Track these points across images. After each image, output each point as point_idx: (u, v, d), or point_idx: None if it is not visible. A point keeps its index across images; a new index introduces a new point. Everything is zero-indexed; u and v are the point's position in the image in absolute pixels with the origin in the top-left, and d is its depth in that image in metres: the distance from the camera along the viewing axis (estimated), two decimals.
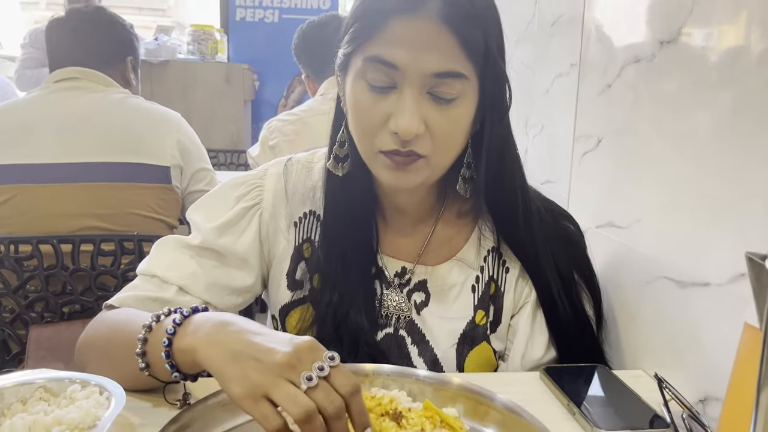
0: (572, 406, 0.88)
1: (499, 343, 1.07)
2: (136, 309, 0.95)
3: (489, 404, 0.85)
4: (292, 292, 1.07)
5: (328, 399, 0.64)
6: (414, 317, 1.05)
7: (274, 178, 1.09)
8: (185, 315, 0.77)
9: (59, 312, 1.60)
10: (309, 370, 0.64)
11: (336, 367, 0.66)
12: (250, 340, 0.69)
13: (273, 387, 0.64)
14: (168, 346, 0.76)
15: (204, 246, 1.03)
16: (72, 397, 0.78)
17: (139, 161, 1.74)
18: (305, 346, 0.67)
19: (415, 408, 0.85)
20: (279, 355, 0.65)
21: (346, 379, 0.65)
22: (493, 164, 0.97)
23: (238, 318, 0.75)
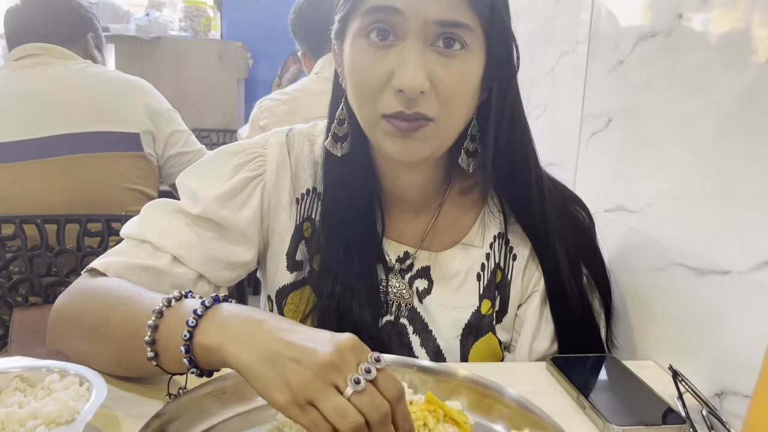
0: (582, 399, 0.83)
1: (505, 333, 1.02)
2: (125, 279, 0.89)
3: (495, 397, 0.80)
4: (292, 274, 1.01)
5: (375, 405, 0.59)
6: (416, 305, 1.00)
7: (277, 149, 1.02)
8: (207, 305, 0.71)
9: (44, 294, 1.55)
10: (354, 372, 0.59)
11: (382, 369, 0.61)
12: (287, 340, 0.63)
13: (318, 394, 0.59)
14: (188, 340, 0.69)
15: (203, 216, 0.96)
16: (50, 387, 0.73)
17: (107, 129, 1.68)
18: (348, 344, 0.61)
19: (417, 401, 0.81)
20: (320, 355, 0.60)
21: (391, 384, 0.61)
22: (504, 133, 0.91)
23: (268, 314, 0.69)
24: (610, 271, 1.03)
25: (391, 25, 0.83)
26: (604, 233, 1.05)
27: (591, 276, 1.01)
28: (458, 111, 0.88)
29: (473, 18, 0.84)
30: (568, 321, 0.99)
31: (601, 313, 1.02)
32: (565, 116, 1.34)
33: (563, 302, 0.99)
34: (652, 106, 1.02)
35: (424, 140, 0.87)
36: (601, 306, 1.02)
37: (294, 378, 0.60)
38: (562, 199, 1.01)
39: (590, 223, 1.03)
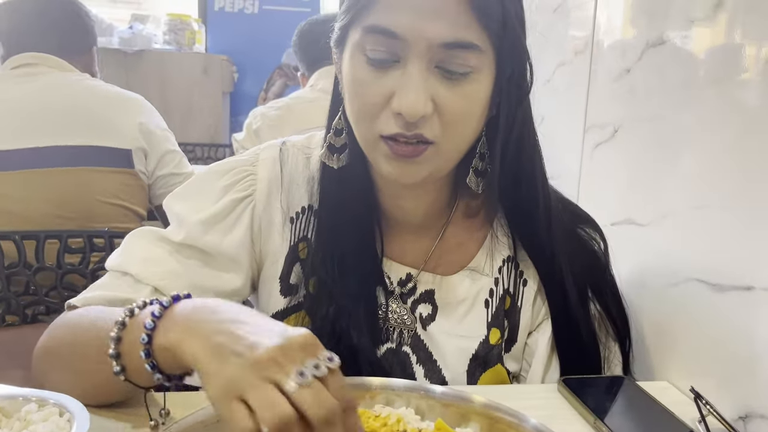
0: (600, 424, 0.78)
1: (514, 363, 0.96)
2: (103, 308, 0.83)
3: (509, 423, 0.75)
4: (286, 298, 0.94)
5: (319, 401, 0.52)
6: (420, 332, 0.93)
7: (269, 165, 0.95)
8: (165, 305, 0.65)
9: (22, 314, 1.47)
10: (300, 366, 0.54)
11: (334, 371, 0.55)
12: (234, 332, 0.57)
13: (249, 388, 0.52)
14: (147, 344, 0.64)
15: (187, 243, 0.90)
16: (27, 419, 0.67)
17: (98, 144, 1.62)
18: (298, 340, 0.55)
19: (426, 428, 0.75)
20: (263, 349, 0.54)
21: (343, 389, 0.55)
22: (511, 154, 0.85)
23: (227, 304, 0.63)
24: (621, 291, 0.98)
25: (391, 49, 0.78)
26: (612, 248, 1.01)
27: (602, 305, 0.96)
28: (462, 134, 0.83)
29: (483, 36, 0.78)
30: (572, 351, 0.94)
31: (615, 346, 0.97)
32: (566, 127, 1.30)
33: (568, 331, 0.93)
34: (664, 114, 0.98)
35: (424, 163, 0.81)
36: (614, 338, 0.97)
37: (231, 370, 0.54)
38: (572, 221, 0.96)
39: (603, 247, 0.97)
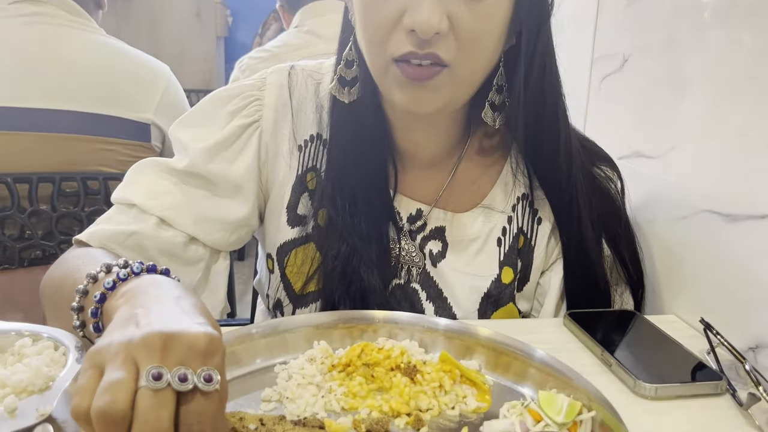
0: (607, 356, 0.77)
1: (525, 302, 0.95)
2: (103, 249, 0.81)
3: (514, 356, 0.74)
4: (294, 229, 0.91)
5: (154, 416, 0.44)
6: (429, 269, 0.91)
7: (276, 90, 0.90)
8: (135, 272, 0.61)
9: (18, 259, 1.45)
10: (168, 368, 0.46)
11: (208, 394, 0.46)
12: (151, 308, 0.52)
13: (111, 362, 0.46)
14: (100, 302, 0.61)
15: (191, 171, 0.86)
16: (21, 353, 0.65)
17: (116, 114, 1.50)
18: (188, 339, 0.48)
19: (430, 361, 0.74)
20: (146, 331, 0.48)
21: (202, 418, 0.46)
22: (533, 86, 0.81)
23: (177, 288, 0.58)
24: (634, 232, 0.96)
25: None
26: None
27: (616, 248, 0.93)
28: (479, 57, 0.77)
29: None
30: (583, 292, 0.92)
31: (626, 290, 0.95)
32: (572, 58, 1.25)
33: (580, 272, 0.91)
34: (676, 41, 0.94)
35: (438, 90, 0.77)
36: (625, 282, 0.95)
37: (112, 339, 0.48)
38: (589, 159, 0.93)
39: (620, 188, 0.94)
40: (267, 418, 0.62)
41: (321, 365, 0.73)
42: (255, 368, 0.74)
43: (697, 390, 0.71)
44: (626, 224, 0.95)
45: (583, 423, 0.62)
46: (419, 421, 0.65)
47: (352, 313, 0.81)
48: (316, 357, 0.74)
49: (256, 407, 0.67)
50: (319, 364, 0.73)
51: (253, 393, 0.70)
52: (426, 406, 0.67)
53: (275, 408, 0.67)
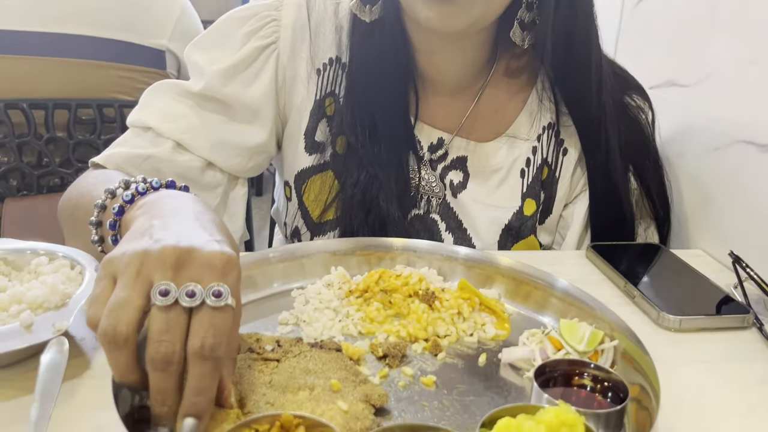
0: (631, 287, 0.75)
1: (547, 235, 0.92)
2: (119, 171, 0.80)
3: (535, 285, 0.72)
4: (311, 156, 0.89)
5: (166, 337, 0.43)
6: (449, 200, 0.89)
7: (293, 10, 0.86)
8: (155, 186, 0.60)
9: (36, 186, 1.45)
10: (177, 285, 0.45)
11: (219, 309, 0.45)
12: (168, 221, 0.51)
13: (122, 275, 0.46)
14: (118, 215, 0.59)
15: (207, 94, 0.84)
16: (37, 271, 0.65)
17: (130, 41, 1.47)
18: (207, 257, 0.46)
19: (449, 288, 0.73)
20: (160, 246, 0.46)
21: (212, 332, 0.44)
22: (566, 3, 0.77)
23: (197, 204, 0.56)
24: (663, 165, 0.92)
25: None
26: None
27: (643, 181, 0.90)
28: None
29: None
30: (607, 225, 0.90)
31: (652, 224, 0.92)
32: None
33: (605, 205, 0.89)
34: None
35: (466, 6, 0.72)
36: (651, 217, 0.92)
37: (126, 249, 0.47)
38: (621, 87, 0.89)
39: (651, 119, 0.90)
40: (284, 339, 0.61)
41: (338, 290, 0.72)
42: (272, 292, 0.74)
43: (723, 323, 0.69)
44: (655, 156, 0.92)
45: (604, 352, 0.60)
46: (437, 346, 0.64)
47: (369, 240, 0.79)
48: (334, 282, 0.73)
49: (272, 330, 0.67)
50: (336, 289, 0.72)
51: (270, 316, 0.69)
52: (444, 333, 0.66)
53: (292, 331, 0.67)
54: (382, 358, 0.62)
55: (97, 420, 0.52)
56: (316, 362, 0.57)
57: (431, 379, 0.59)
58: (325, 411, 0.51)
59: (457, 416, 0.55)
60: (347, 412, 0.51)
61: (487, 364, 0.63)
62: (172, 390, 0.45)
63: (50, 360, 0.46)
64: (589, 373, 0.55)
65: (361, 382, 0.56)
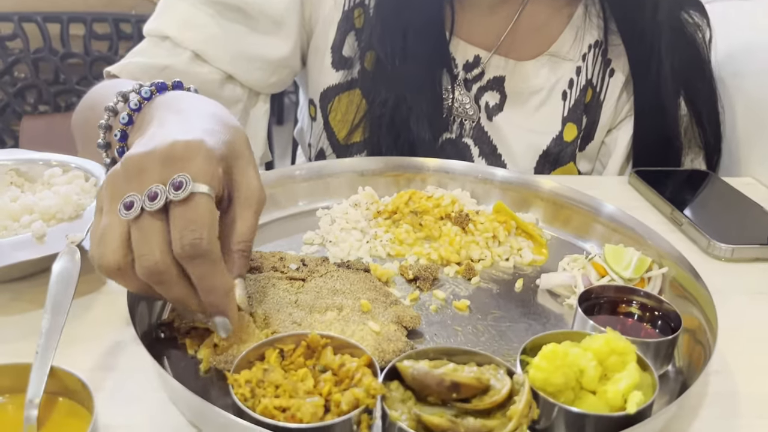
0: (678, 214, 0.70)
1: (587, 163, 0.87)
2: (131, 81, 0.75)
3: (575, 209, 0.68)
4: (338, 72, 0.83)
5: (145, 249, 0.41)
6: (484, 123, 0.83)
7: None
8: (145, 97, 0.55)
9: (53, 103, 1.42)
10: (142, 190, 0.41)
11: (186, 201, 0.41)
12: (147, 132, 0.47)
13: (102, 204, 0.43)
14: (123, 140, 0.56)
15: (228, 2, 0.78)
16: (50, 182, 0.61)
17: None
18: (163, 153, 0.42)
19: (483, 211, 0.68)
20: (125, 160, 0.43)
21: (188, 228, 0.40)
22: None
23: (185, 100, 0.52)
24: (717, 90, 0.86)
25: None
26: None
27: (694, 107, 0.84)
28: None
29: None
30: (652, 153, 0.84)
31: (700, 153, 0.86)
32: None
33: (652, 131, 0.83)
34: None
35: None
36: (699, 146, 0.86)
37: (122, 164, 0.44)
38: (678, 3, 0.81)
39: (707, 39, 0.83)
40: (309, 259, 0.58)
41: (366, 211, 0.68)
42: (296, 211, 0.70)
43: None
44: (710, 79, 0.85)
45: (651, 280, 0.56)
46: (470, 270, 0.60)
47: (400, 159, 0.75)
48: (361, 202, 0.69)
49: (297, 249, 0.63)
50: (363, 209, 0.68)
51: (294, 236, 0.66)
52: (478, 256, 0.63)
53: (317, 251, 0.64)
54: (412, 280, 0.59)
55: (114, 336, 0.49)
56: (344, 282, 0.54)
57: (465, 304, 0.56)
58: (355, 332, 0.48)
59: (492, 342, 0.52)
60: (379, 334, 0.48)
61: (523, 290, 0.59)
62: (183, 297, 0.42)
63: (61, 269, 0.43)
64: (637, 301, 0.51)
65: (392, 303, 0.52)
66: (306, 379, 0.41)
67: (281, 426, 0.37)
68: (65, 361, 0.39)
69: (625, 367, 0.41)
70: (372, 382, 0.39)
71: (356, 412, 0.38)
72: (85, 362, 0.47)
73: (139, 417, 0.42)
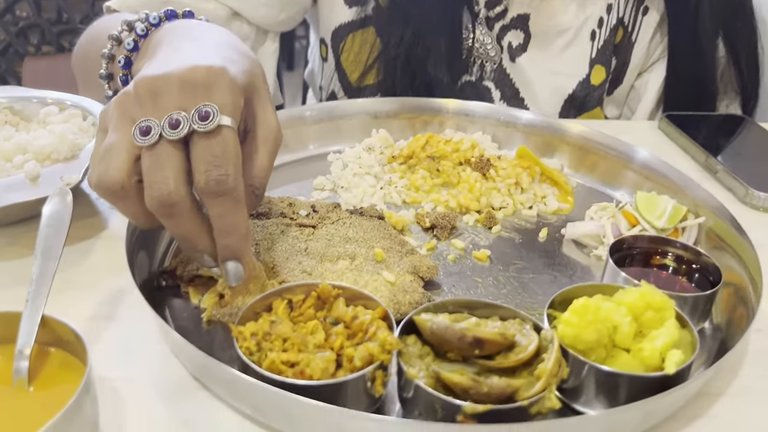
0: (712, 162, 0.66)
1: (614, 108, 0.82)
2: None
3: (602, 155, 0.63)
4: (351, 9, 0.79)
5: (158, 177, 0.37)
6: (506, 65, 0.79)
7: None
8: (153, 23, 0.51)
9: (56, 43, 1.37)
10: (159, 118, 0.37)
11: (212, 133, 0.37)
12: (157, 55, 0.43)
13: (109, 123, 0.39)
14: (127, 68, 0.52)
15: None
16: (46, 121, 0.58)
17: None
18: (184, 77, 0.38)
19: (505, 156, 0.64)
20: (138, 81, 0.39)
21: (214, 163, 0.37)
22: None
23: (197, 29, 0.48)
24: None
25: None
26: None
27: (733, 49, 0.78)
28: None
29: None
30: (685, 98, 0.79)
31: (736, 99, 0.81)
32: None
33: (686, 75, 0.78)
34: None
35: None
36: (736, 91, 0.81)
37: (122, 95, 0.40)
38: None
39: None
40: (320, 205, 0.54)
41: (380, 155, 0.64)
42: (306, 155, 0.67)
43: None
44: (750, 18, 0.79)
45: (687, 230, 0.53)
46: (491, 218, 0.57)
47: (416, 100, 0.71)
48: (375, 146, 0.65)
49: (307, 195, 0.60)
50: (377, 154, 0.65)
51: (304, 181, 0.62)
52: (499, 204, 0.59)
53: (328, 197, 0.60)
54: (429, 229, 0.55)
55: (114, 284, 0.47)
56: (357, 230, 0.51)
57: (485, 254, 0.52)
58: (368, 282, 0.45)
59: (515, 295, 0.49)
60: (394, 284, 0.45)
61: (548, 240, 0.55)
62: (193, 235, 0.39)
63: (52, 212, 0.40)
64: (672, 253, 0.48)
65: (407, 253, 0.49)
66: (316, 332, 0.38)
67: (289, 383, 0.34)
68: (61, 310, 0.36)
69: (662, 323, 0.38)
70: (387, 336, 0.36)
71: (370, 369, 0.35)
72: (83, 311, 0.44)
73: (138, 369, 0.40)
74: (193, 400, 0.38)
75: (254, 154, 0.41)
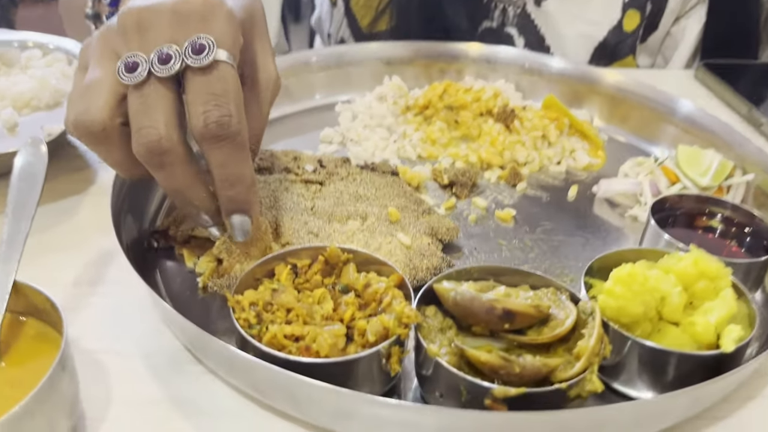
0: (756, 114, 0.60)
1: (647, 57, 0.76)
2: None
3: (635, 105, 0.58)
4: None
5: (145, 120, 0.32)
6: (530, 10, 0.73)
7: None
8: None
9: None
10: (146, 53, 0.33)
11: (208, 69, 0.32)
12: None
13: (91, 59, 0.34)
14: (114, 5, 0.47)
15: None
16: (28, 66, 0.53)
17: None
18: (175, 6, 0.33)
19: (531, 106, 0.59)
20: (123, 13, 0.34)
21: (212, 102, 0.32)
22: None
23: None
24: None
25: None
26: None
27: None
28: None
29: None
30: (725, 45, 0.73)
31: None
32: None
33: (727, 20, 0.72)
34: None
35: None
36: None
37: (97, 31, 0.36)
38: None
39: None
40: (327, 159, 0.49)
41: (393, 105, 0.59)
42: (312, 105, 0.62)
43: None
44: None
45: (732, 188, 0.48)
46: (516, 175, 0.52)
47: (433, 45, 0.65)
48: (387, 95, 0.60)
49: (313, 149, 0.55)
50: (390, 104, 0.60)
51: (310, 133, 0.58)
52: (524, 159, 0.54)
53: (337, 151, 0.56)
54: (447, 186, 0.51)
55: (101, 245, 0.42)
56: (368, 187, 0.46)
57: (509, 214, 0.48)
58: (381, 245, 0.40)
59: (543, 259, 0.44)
60: (410, 248, 0.40)
61: (578, 199, 0.51)
62: (188, 188, 0.34)
63: (24, 164, 0.35)
64: (721, 214, 0.43)
65: (424, 212, 0.44)
66: (324, 301, 0.34)
67: (293, 360, 0.30)
68: (42, 275, 0.32)
69: (717, 294, 0.34)
70: (404, 307, 0.32)
71: (385, 344, 0.31)
72: (67, 275, 0.40)
73: (126, 341, 0.36)
74: (186, 375, 0.34)
75: (249, 103, 0.36)
